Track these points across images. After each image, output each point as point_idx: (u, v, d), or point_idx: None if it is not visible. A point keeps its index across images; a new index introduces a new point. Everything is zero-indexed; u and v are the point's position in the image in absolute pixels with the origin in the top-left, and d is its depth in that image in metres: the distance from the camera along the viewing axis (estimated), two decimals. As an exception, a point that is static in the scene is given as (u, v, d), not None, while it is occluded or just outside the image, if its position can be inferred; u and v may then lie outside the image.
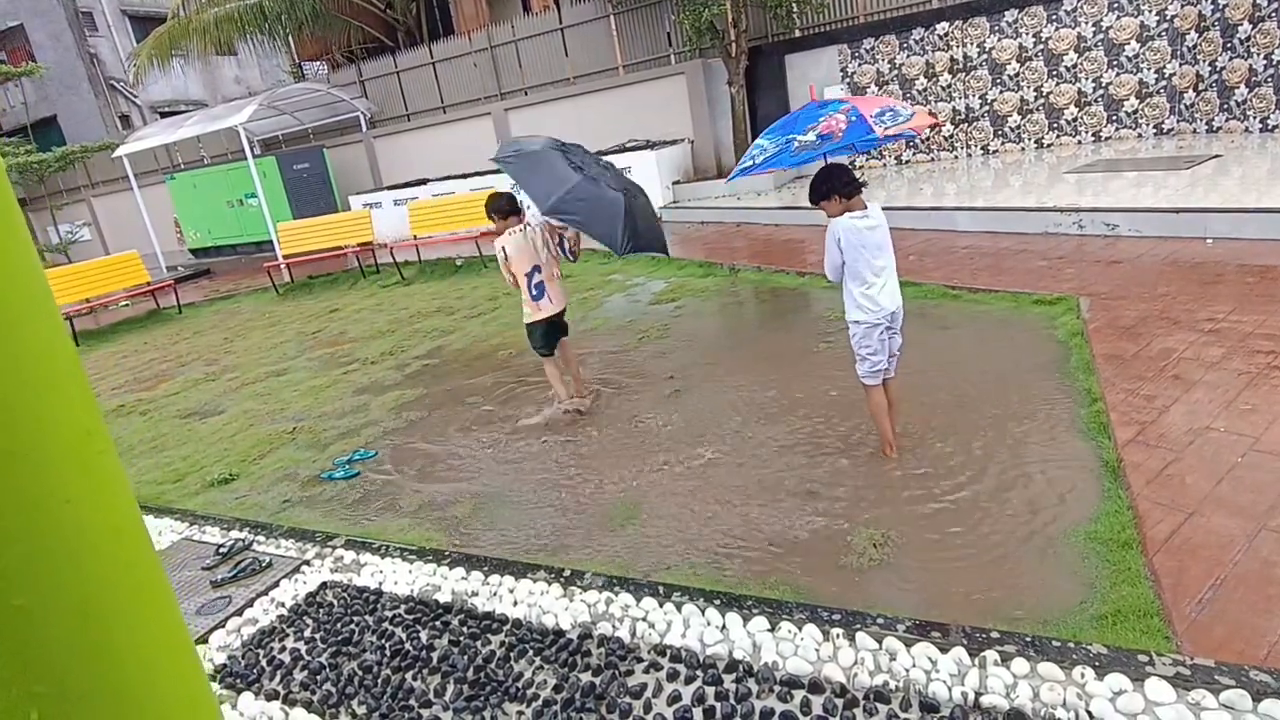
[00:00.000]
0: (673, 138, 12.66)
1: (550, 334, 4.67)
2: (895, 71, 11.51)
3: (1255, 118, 9.11)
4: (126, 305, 12.61)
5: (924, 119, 3.49)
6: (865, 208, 3.34)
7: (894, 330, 3.47)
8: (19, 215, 0.55)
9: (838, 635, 2.36)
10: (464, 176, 13.96)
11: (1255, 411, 3.34)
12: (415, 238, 11.41)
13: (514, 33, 14.36)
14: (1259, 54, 8.89)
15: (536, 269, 4.50)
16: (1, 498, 0.51)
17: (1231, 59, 9.25)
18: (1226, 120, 9.52)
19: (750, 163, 3.46)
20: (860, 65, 11.72)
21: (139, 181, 14.97)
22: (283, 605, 3.15)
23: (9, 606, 0.52)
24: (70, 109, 22.64)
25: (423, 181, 14.45)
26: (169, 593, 0.64)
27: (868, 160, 12.15)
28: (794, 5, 10.90)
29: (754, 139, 13.61)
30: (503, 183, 12.82)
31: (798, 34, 12.05)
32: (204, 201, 15.67)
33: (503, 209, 4.57)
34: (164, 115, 21.58)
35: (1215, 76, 9.54)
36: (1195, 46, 9.69)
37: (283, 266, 12.05)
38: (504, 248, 4.53)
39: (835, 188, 3.31)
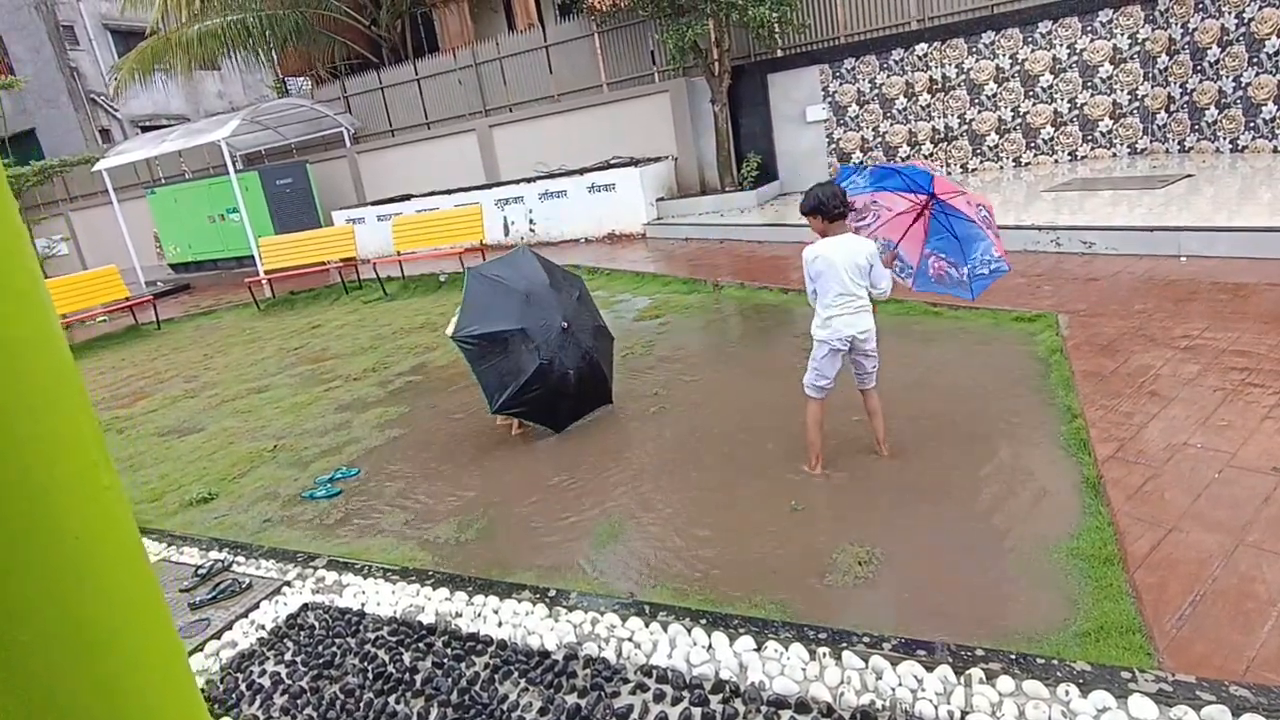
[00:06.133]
0: (657, 155, 12.74)
1: None
2: (875, 91, 11.68)
3: (1225, 138, 9.32)
4: (104, 321, 12.44)
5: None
6: (843, 234, 3.51)
7: (863, 353, 3.59)
8: (28, 246, 0.54)
9: (824, 654, 2.36)
10: (448, 192, 13.96)
11: (1230, 427, 3.40)
12: (399, 253, 11.37)
13: (499, 50, 14.43)
14: (1228, 77, 9.11)
15: None
16: (11, 533, 0.50)
17: (1202, 81, 9.48)
18: (1198, 140, 9.74)
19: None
20: (841, 85, 11.89)
21: (119, 196, 14.83)
22: (263, 628, 3.10)
23: (14, 642, 0.51)
24: (49, 122, 22.39)
25: (407, 197, 14.43)
26: (170, 626, 0.63)
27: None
28: (775, 26, 11.04)
29: (736, 156, 13.47)
30: (484, 197, 12.86)
31: (780, 54, 12.20)
32: (185, 216, 15.53)
33: None
34: (145, 129, 21.43)
35: (1186, 98, 9.76)
36: (1166, 69, 9.92)
37: (264, 282, 11.96)
38: None
39: (818, 207, 3.48)
